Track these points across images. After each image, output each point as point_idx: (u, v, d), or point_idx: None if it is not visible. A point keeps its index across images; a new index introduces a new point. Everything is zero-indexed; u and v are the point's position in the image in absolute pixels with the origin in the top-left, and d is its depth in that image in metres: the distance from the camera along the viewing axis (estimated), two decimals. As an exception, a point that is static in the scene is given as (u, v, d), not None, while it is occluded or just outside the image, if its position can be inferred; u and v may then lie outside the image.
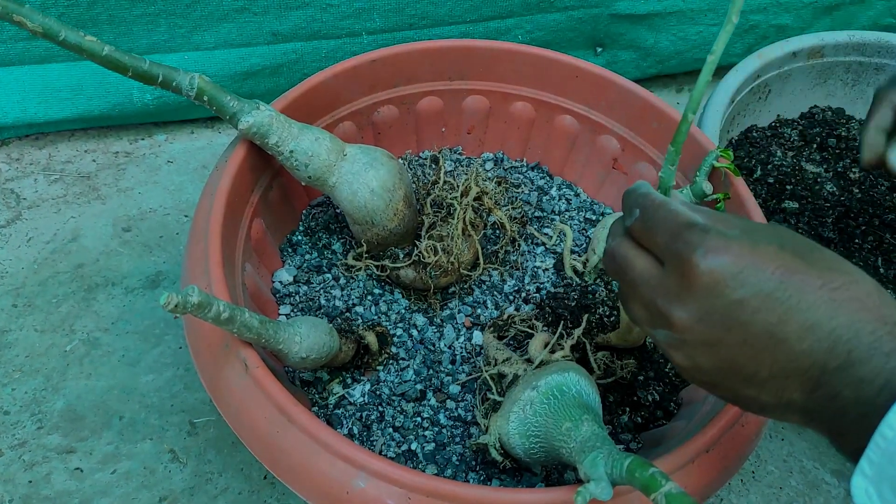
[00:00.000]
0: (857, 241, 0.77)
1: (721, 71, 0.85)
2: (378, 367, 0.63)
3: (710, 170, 0.64)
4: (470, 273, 0.68)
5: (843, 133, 0.87)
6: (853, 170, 0.84)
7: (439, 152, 0.80)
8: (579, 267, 0.69)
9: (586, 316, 0.62)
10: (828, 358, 0.35)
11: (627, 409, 0.61)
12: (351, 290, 0.67)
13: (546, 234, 0.75)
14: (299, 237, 0.71)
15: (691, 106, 0.41)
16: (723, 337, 0.37)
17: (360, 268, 0.67)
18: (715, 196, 0.64)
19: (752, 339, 0.37)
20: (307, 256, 0.70)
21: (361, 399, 0.61)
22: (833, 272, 0.37)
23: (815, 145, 0.87)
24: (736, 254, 0.37)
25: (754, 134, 0.88)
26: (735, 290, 0.36)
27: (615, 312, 0.65)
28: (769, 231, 0.39)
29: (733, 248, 0.37)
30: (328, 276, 0.68)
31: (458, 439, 0.59)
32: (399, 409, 0.60)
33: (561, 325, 0.61)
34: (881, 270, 0.75)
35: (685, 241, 0.38)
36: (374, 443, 0.58)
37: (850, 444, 0.36)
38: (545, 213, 0.77)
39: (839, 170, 0.84)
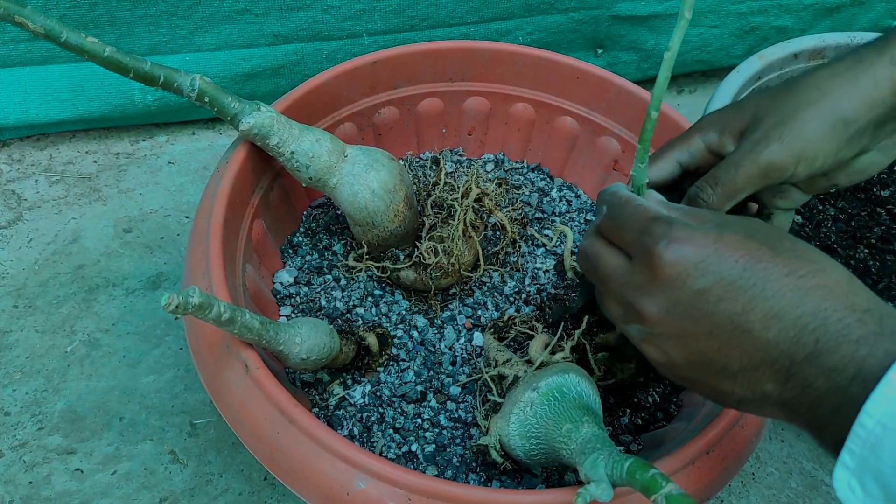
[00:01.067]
0: (857, 243, 0.77)
1: (722, 72, 0.85)
2: (378, 369, 0.63)
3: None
4: (470, 274, 0.68)
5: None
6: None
7: (440, 153, 0.80)
8: (579, 268, 0.69)
9: (586, 317, 0.62)
10: (795, 347, 0.35)
11: (627, 410, 0.61)
12: (351, 291, 0.67)
13: (546, 235, 0.75)
14: (300, 238, 0.71)
15: (653, 104, 0.41)
16: (690, 328, 0.37)
17: (361, 269, 0.67)
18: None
19: (718, 329, 0.37)
20: (308, 257, 0.70)
21: (362, 400, 0.61)
22: (801, 260, 0.36)
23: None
24: (699, 243, 0.37)
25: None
26: (698, 280, 0.37)
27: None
28: (739, 222, 0.39)
29: (697, 237, 0.37)
30: (329, 277, 0.68)
31: (458, 441, 0.59)
32: (399, 410, 0.60)
33: (561, 327, 0.61)
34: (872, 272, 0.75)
35: (650, 234, 0.38)
36: (375, 444, 0.58)
37: (831, 436, 0.35)
38: (546, 215, 0.77)
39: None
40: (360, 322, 0.65)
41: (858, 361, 0.33)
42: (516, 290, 0.70)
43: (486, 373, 0.57)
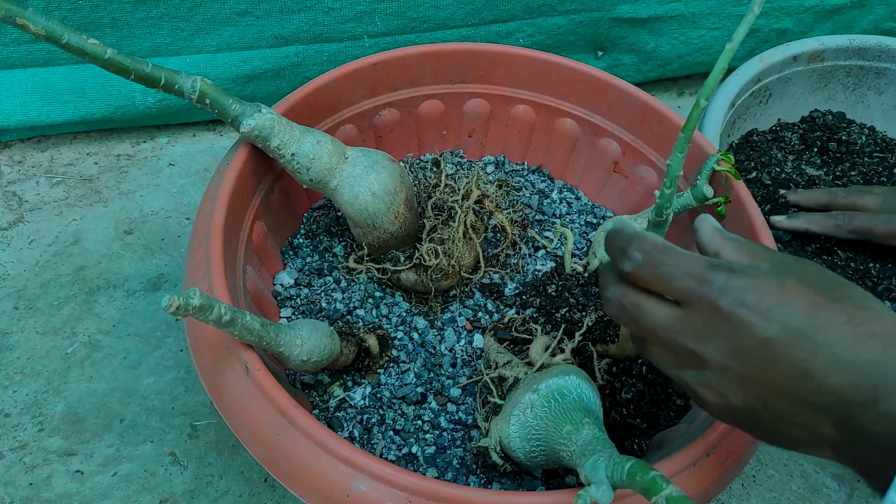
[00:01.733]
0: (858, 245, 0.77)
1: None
2: (379, 370, 0.63)
3: (710, 173, 0.64)
4: (471, 276, 0.69)
5: (843, 137, 0.87)
6: (853, 173, 0.84)
7: (440, 155, 0.80)
8: (580, 269, 0.70)
9: (586, 320, 0.62)
10: (854, 393, 0.36)
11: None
12: (352, 292, 0.67)
13: (547, 237, 0.75)
14: (300, 240, 0.71)
15: (704, 92, 0.41)
16: (755, 374, 0.38)
17: (362, 271, 0.67)
18: (716, 199, 0.64)
19: (783, 376, 0.37)
20: (308, 259, 0.70)
21: (362, 402, 0.61)
22: (858, 308, 0.37)
23: (815, 149, 0.87)
24: (762, 292, 0.37)
25: (755, 138, 0.88)
26: (765, 329, 0.37)
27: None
28: (795, 266, 0.39)
29: (759, 286, 0.38)
30: (329, 278, 0.68)
31: (458, 442, 0.59)
32: (400, 412, 0.60)
33: (562, 329, 0.61)
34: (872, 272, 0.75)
35: (709, 284, 0.38)
36: (375, 446, 0.58)
37: (882, 478, 0.35)
38: (546, 217, 0.77)
39: (839, 173, 0.84)
40: (361, 324, 0.65)
41: None
42: (517, 291, 0.70)
43: (487, 374, 0.57)
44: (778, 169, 0.83)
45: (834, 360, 0.36)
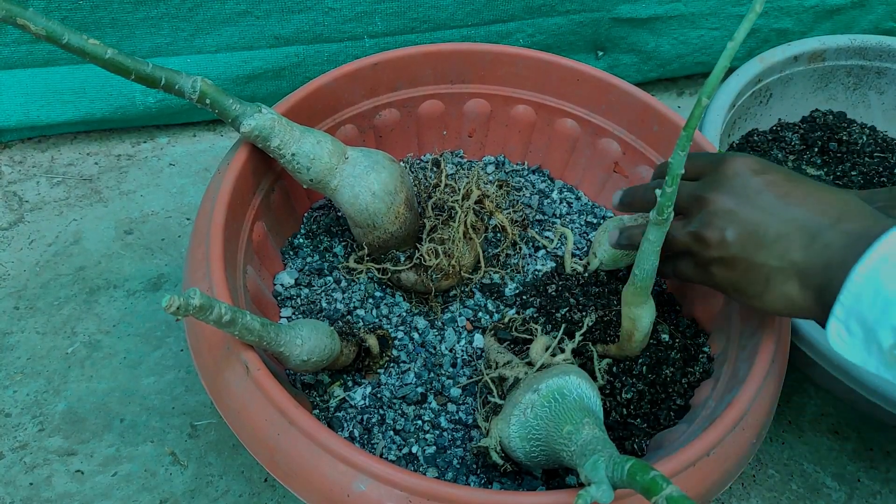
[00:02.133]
0: None
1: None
2: (379, 370, 0.63)
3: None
4: (471, 276, 0.69)
5: (844, 137, 0.87)
6: (853, 173, 0.84)
7: (441, 155, 0.80)
8: (580, 269, 0.70)
9: (586, 320, 0.62)
10: (822, 217, 0.46)
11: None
12: (352, 292, 0.67)
13: (547, 237, 0.75)
14: (301, 240, 0.71)
15: (706, 90, 0.41)
16: (744, 204, 0.49)
17: (362, 271, 0.67)
18: None
19: (765, 203, 0.48)
20: (308, 259, 0.70)
21: (362, 402, 0.61)
22: (830, 186, 0.49)
23: (816, 149, 0.87)
24: (759, 160, 0.51)
25: (755, 138, 0.88)
26: (756, 174, 0.50)
27: (616, 317, 0.65)
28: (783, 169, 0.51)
29: (753, 156, 0.51)
30: (329, 278, 0.68)
31: (458, 442, 0.59)
32: (400, 412, 0.60)
33: (562, 329, 0.61)
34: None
35: (722, 154, 0.53)
36: (375, 446, 0.58)
37: (829, 296, 0.44)
38: (546, 217, 0.77)
39: (839, 173, 0.84)
40: (361, 324, 0.65)
41: (867, 228, 0.44)
42: (517, 291, 0.70)
43: (487, 374, 0.57)
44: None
45: (808, 193, 0.48)
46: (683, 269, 0.54)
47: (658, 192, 0.48)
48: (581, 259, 0.72)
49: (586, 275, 0.69)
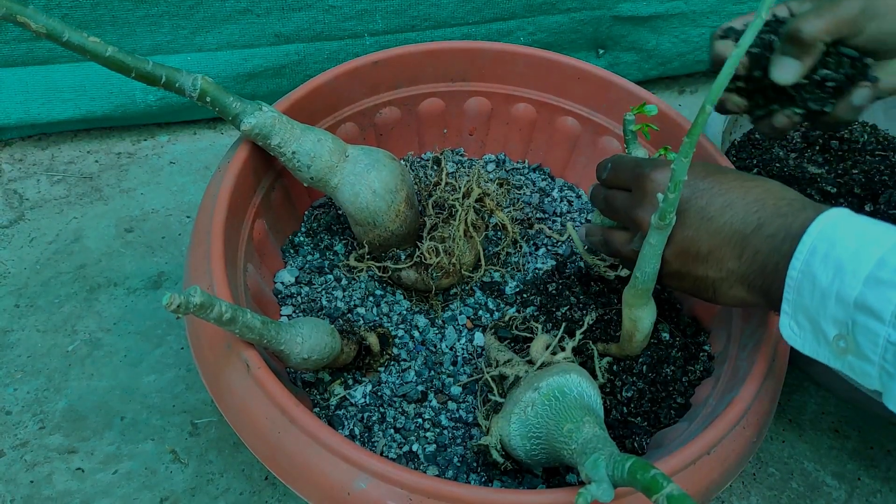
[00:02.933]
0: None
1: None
2: (379, 369, 0.63)
3: (634, 136, 0.63)
4: (471, 274, 0.68)
5: (845, 135, 0.87)
6: (854, 171, 0.84)
7: (441, 154, 0.80)
8: (608, 271, 0.67)
9: (587, 319, 0.62)
10: (744, 225, 0.47)
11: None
12: (353, 291, 0.67)
13: (559, 230, 0.75)
14: (301, 238, 0.71)
15: (710, 97, 0.41)
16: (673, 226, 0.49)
17: (362, 269, 0.67)
18: (656, 156, 0.63)
19: (690, 220, 0.49)
20: (309, 257, 0.70)
21: (363, 400, 0.61)
22: (745, 175, 0.50)
23: (817, 147, 0.87)
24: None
25: (757, 136, 0.87)
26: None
27: (616, 316, 0.65)
28: (699, 165, 0.52)
29: (670, 167, 0.51)
30: (330, 277, 0.68)
31: (459, 441, 0.59)
32: (400, 410, 0.60)
33: (563, 328, 0.61)
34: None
35: (640, 167, 0.54)
36: (376, 444, 0.58)
37: (776, 296, 0.45)
38: (547, 215, 0.77)
39: (840, 171, 0.84)
40: (362, 322, 0.65)
41: (787, 227, 0.45)
42: (517, 290, 0.70)
43: (487, 373, 0.57)
44: (779, 165, 0.83)
45: (726, 203, 0.48)
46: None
47: (618, 197, 0.55)
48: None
49: (613, 276, 0.66)
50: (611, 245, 0.59)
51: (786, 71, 0.56)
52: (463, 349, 0.65)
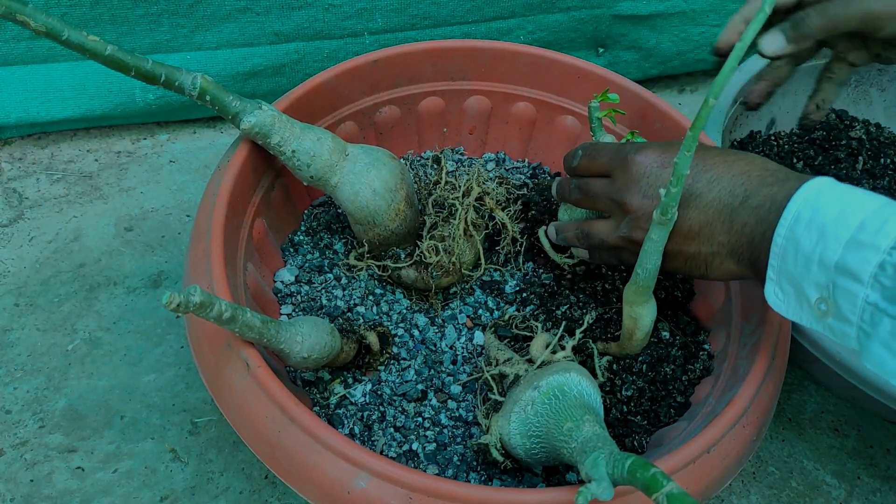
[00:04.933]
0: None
1: (723, 72, 0.84)
2: (379, 367, 0.63)
3: (599, 123, 0.64)
4: (471, 273, 0.68)
5: (851, 133, 0.87)
6: (855, 168, 0.84)
7: (441, 152, 0.80)
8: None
9: (587, 318, 0.62)
10: (731, 198, 0.48)
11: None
12: (352, 290, 0.67)
13: None
14: (301, 237, 0.71)
15: (714, 90, 0.41)
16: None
17: (362, 268, 0.67)
18: (625, 139, 0.64)
19: (681, 198, 0.49)
20: (309, 256, 0.70)
21: (363, 399, 0.61)
22: (728, 151, 0.51)
23: (818, 147, 0.87)
24: (656, 149, 0.53)
25: (758, 135, 0.87)
26: (660, 168, 0.52)
27: (616, 315, 0.65)
28: (676, 143, 0.52)
29: (654, 146, 0.53)
30: (330, 275, 0.68)
31: (459, 439, 0.59)
32: (400, 409, 0.60)
33: (563, 326, 0.61)
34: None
35: (623, 150, 0.54)
36: (376, 443, 0.58)
37: (762, 265, 0.46)
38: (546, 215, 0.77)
39: (841, 170, 0.84)
40: (361, 321, 0.65)
41: (772, 196, 0.46)
42: (517, 289, 0.70)
43: (487, 371, 0.57)
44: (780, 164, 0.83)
45: (712, 179, 0.49)
46: (628, 259, 0.56)
47: (597, 186, 0.55)
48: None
49: (571, 263, 0.67)
50: (593, 237, 0.57)
51: (773, 44, 0.60)
52: (463, 348, 0.65)
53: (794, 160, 0.84)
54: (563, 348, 0.55)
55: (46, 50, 0.83)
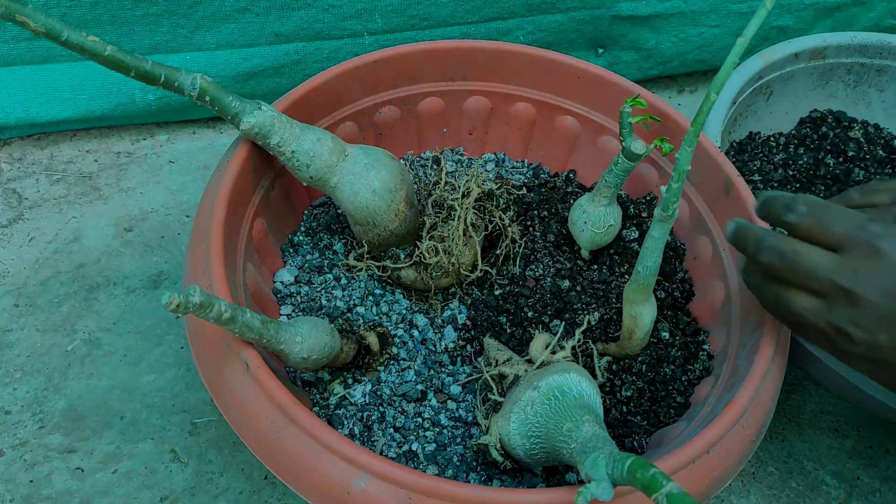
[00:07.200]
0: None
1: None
2: (379, 368, 0.63)
3: (630, 128, 0.62)
4: (470, 274, 0.68)
5: (851, 134, 0.87)
6: (856, 167, 0.84)
7: (441, 153, 0.80)
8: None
9: (587, 318, 0.62)
10: None
11: (628, 410, 0.61)
12: (352, 290, 0.67)
13: None
14: (301, 237, 0.71)
15: (715, 86, 0.41)
16: None
17: (362, 268, 0.67)
18: (652, 146, 0.63)
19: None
20: (308, 257, 0.70)
21: (362, 399, 0.61)
22: None
23: (818, 146, 0.87)
24: None
25: (757, 135, 0.88)
26: None
27: (616, 315, 0.65)
28: None
29: None
30: (329, 276, 0.68)
31: (458, 440, 0.59)
32: (400, 409, 0.60)
33: (562, 326, 0.61)
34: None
35: (868, 231, 0.44)
36: (375, 443, 0.58)
37: None
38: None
39: (843, 169, 0.84)
40: (361, 321, 0.65)
41: None
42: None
43: (487, 372, 0.57)
44: (782, 164, 0.83)
45: None
46: (815, 340, 0.49)
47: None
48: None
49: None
50: (792, 313, 0.47)
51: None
52: (462, 348, 0.65)
53: (794, 161, 0.84)
54: (562, 348, 0.55)
55: (46, 50, 0.83)
